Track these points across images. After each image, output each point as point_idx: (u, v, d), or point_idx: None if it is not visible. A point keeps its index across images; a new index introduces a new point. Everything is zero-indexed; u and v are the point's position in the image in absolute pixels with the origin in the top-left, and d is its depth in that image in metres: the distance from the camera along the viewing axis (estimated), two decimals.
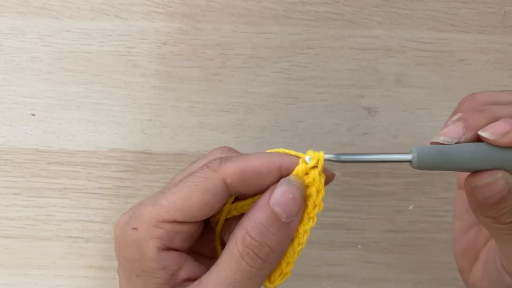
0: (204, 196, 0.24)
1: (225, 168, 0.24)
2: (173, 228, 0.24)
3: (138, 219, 0.24)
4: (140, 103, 0.42)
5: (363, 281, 0.42)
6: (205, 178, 0.24)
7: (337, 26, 0.41)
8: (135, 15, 0.42)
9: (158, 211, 0.24)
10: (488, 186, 0.24)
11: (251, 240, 0.23)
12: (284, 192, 0.23)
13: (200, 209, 0.24)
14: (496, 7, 0.41)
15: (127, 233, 0.24)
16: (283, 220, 0.23)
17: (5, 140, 0.42)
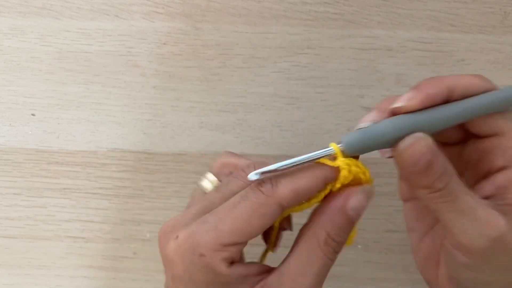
0: (262, 221, 0.26)
1: (280, 192, 0.26)
2: (236, 249, 0.26)
3: (201, 246, 0.26)
4: (140, 103, 0.42)
5: (363, 281, 0.42)
6: (262, 204, 0.26)
7: (337, 26, 0.41)
8: (135, 15, 0.42)
9: (220, 237, 0.26)
10: (412, 147, 0.25)
11: (332, 242, 0.26)
12: (361, 200, 0.27)
13: (257, 232, 0.26)
14: (496, 7, 0.41)
15: (196, 261, 0.26)
16: (355, 221, 0.27)
17: (5, 140, 0.42)
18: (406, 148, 0.25)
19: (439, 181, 0.25)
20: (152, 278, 0.42)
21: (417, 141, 0.25)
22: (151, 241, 0.42)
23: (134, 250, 0.42)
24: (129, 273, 0.42)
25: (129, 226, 0.42)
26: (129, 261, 0.42)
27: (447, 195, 0.25)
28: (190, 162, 0.42)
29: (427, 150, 0.25)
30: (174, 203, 0.42)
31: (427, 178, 0.25)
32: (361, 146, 0.26)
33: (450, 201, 0.25)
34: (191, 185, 0.42)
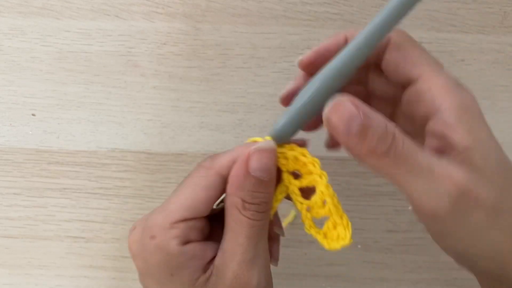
0: (207, 192, 0.27)
1: (218, 163, 0.27)
2: (186, 225, 0.26)
3: (152, 227, 0.27)
4: (140, 103, 0.42)
5: (363, 281, 0.42)
6: (203, 176, 0.27)
7: (337, 26, 0.41)
8: (135, 15, 0.42)
9: (168, 216, 0.26)
10: (337, 111, 0.23)
11: (250, 205, 0.26)
12: (261, 159, 0.26)
13: (205, 205, 0.27)
14: (496, 7, 0.41)
15: (146, 243, 0.27)
16: (265, 180, 0.26)
17: (5, 140, 0.42)
18: (331, 114, 0.23)
19: (381, 143, 0.23)
20: None
21: (340, 103, 0.23)
22: None
23: None
24: (129, 273, 0.42)
25: (129, 226, 0.42)
26: (129, 261, 0.42)
27: (396, 157, 0.23)
28: (190, 162, 0.42)
29: (356, 110, 0.23)
30: None
31: (366, 142, 0.23)
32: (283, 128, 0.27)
33: (401, 164, 0.23)
34: None
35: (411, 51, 0.26)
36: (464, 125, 0.24)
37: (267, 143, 0.27)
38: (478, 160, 0.23)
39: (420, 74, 0.25)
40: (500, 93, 0.42)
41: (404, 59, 0.26)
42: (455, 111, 0.24)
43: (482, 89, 0.42)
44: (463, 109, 0.24)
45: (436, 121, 0.24)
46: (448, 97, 0.24)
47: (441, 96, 0.24)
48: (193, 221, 0.27)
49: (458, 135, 0.23)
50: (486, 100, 0.41)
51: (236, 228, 0.26)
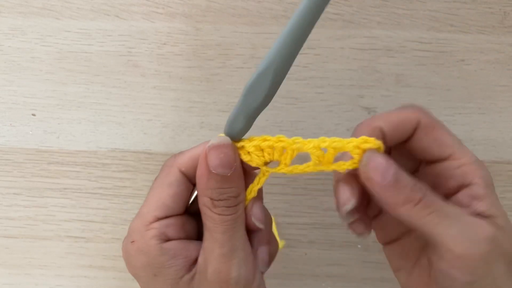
0: (170, 189, 0.28)
1: (179, 160, 0.28)
2: (161, 224, 0.27)
3: (131, 233, 0.28)
4: (140, 103, 0.42)
5: (363, 281, 0.42)
6: (166, 174, 0.28)
7: (337, 26, 0.41)
8: (135, 15, 0.42)
9: (143, 218, 0.28)
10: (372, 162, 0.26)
11: (218, 202, 0.27)
12: (217, 155, 0.27)
13: (173, 201, 0.28)
14: (496, 7, 0.41)
15: (129, 249, 0.28)
16: (228, 175, 0.27)
17: (5, 140, 0.42)
18: (367, 166, 0.26)
19: (415, 191, 0.25)
20: None
21: (373, 156, 0.26)
22: None
23: None
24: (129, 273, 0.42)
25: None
26: None
27: (429, 205, 0.25)
28: None
29: (387, 163, 0.26)
30: None
31: (401, 191, 0.25)
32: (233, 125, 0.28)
33: (434, 211, 0.25)
34: None
35: (441, 134, 0.28)
36: (489, 198, 0.27)
37: (219, 138, 0.27)
38: (501, 223, 0.26)
39: (451, 154, 0.28)
40: (500, 93, 0.42)
41: (435, 142, 0.28)
42: (483, 187, 0.27)
43: (482, 89, 0.42)
44: (488, 185, 0.27)
45: (465, 194, 0.27)
46: (477, 174, 0.27)
47: (472, 172, 0.28)
48: (167, 220, 0.28)
49: (485, 206, 0.27)
50: (486, 100, 0.41)
51: (210, 226, 0.27)
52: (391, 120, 0.28)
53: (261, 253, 0.30)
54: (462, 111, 0.42)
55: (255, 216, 0.30)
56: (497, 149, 0.41)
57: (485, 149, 0.41)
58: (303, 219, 0.42)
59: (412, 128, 0.28)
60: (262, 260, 0.30)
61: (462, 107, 0.42)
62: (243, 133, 0.28)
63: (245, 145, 0.28)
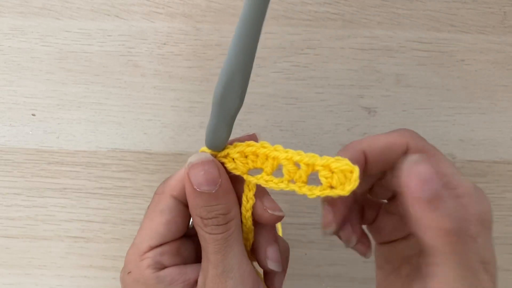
0: (162, 217, 0.27)
1: (168, 186, 0.28)
2: (155, 253, 0.27)
3: (127, 264, 0.28)
4: (140, 103, 0.42)
5: (363, 281, 0.42)
6: (157, 202, 0.28)
7: (337, 26, 0.41)
8: (135, 15, 0.42)
9: (137, 249, 0.27)
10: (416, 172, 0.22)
11: (207, 221, 0.26)
12: (196, 173, 0.26)
13: (166, 229, 0.27)
14: (496, 7, 0.41)
15: (126, 280, 0.28)
16: (213, 191, 0.26)
17: (5, 140, 0.42)
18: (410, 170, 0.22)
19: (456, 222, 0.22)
20: None
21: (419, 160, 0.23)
22: None
23: None
24: None
25: (129, 226, 0.42)
26: None
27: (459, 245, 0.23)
28: None
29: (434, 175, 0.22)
30: None
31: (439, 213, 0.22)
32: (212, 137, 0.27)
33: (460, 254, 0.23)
34: None
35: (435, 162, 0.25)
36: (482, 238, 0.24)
37: (197, 155, 0.27)
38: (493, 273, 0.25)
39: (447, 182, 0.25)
40: (500, 93, 0.42)
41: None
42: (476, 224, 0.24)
43: (482, 89, 0.42)
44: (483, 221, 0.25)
45: None
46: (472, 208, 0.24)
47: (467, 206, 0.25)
48: (161, 247, 0.27)
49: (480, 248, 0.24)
50: (486, 100, 0.41)
51: (204, 245, 0.27)
52: (376, 144, 0.26)
53: (271, 253, 0.29)
54: (462, 111, 0.42)
55: (271, 259, 0.29)
56: (497, 149, 0.41)
57: (485, 149, 0.41)
58: (303, 219, 0.42)
59: (399, 154, 0.26)
60: (272, 259, 0.29)
61: (462, 107, 0.42)
62: (226, 141, 0.28)
63: (229, 152, 0.27)
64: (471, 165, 0.41)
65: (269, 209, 0.28)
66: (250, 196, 0.28)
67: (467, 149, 0.41)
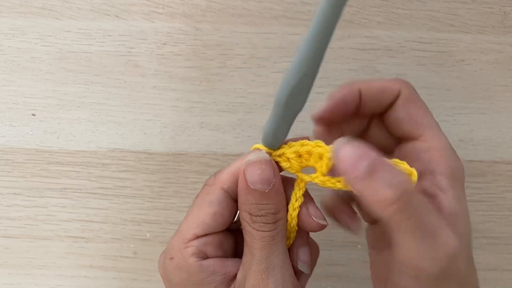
0: (211, 208, 0.28)
1: (219, 178, 0.28)
2: (199, 242, 0.27)
3: (170, 250, 0.28)
4: (140, 103, 0.42)
5: (363, 281, 0.42)
6: (206, 193, 0.28)
7: (337, 26, 0.41)
8: (135, 15, 0.42)
9: (182, 236, 0.28)
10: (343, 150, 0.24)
11: (256, 218, 0.27)
12: (252, 172, 0.26)
13: (212, 220, 0.28)
14: (496, 7, 0.41)
15: (168, 265, 0.28)
16: (266, 191, 0.26)
17: (5, 140, 0.42)
18: (338, 153, 0.24)
19: (394, 189, 0.23)
20: (152, 278, 0.42)
21: (345, 142, 0.24)
22: (151, 241, 0.42)
23: (134, 250, 0.42)
24: (130, 273, 0.42)
25: (129, 226, 0.42)
26: (130, 261, 0.42)
27: (406, 210, 0.23)
28: (190, 162, 0.42)
29: (363, 151, 0.23)
30: (174, 203, 0.42)
31: (375, 184, 0.23)
32: (268, 136, 0.27)
33: (411, 217, 0.23)
34: (191, 185, 0.42)
35: (417, 110, 0.27)
36: (454, 192, 0.26)
37: (256, 154, 0.27)
38: (461, 227, 0.25)
39: (422, 134, 0.27)
40: (500, 93, 0.42)
41: (409, 116, 0.27)
42: (448, 178, 0.26)
43: (482, 89, 0.42)
44: (454, 177, 0.26)
45: (429, 181, 0.26)
46: (444, 162, 0.26)
47: (438, 159, 0.26)
48: (206, 237, 0.28)
49: (447, 200, 0.25)
50: (486, 100, 0.41)
51: (249, 241, 0.27)
52: (371, 86, 0.27)
53: (302, 255, 0.29)
54: (462, 111, 0.42)
55: (303, 261, 0.29)
56: (497, 149, 0.41)
57: (485, 149, 0.41)
58: None
59: (391, 98, 0.27)
60: (303, 261, 0.29)
61: (462, 107, 0.42)
62: (283, 141, 0.28)
63: (285, 151, 0.28)
64: (471, 165, 0.41)
65: (314, 217, 0.28)
66: (299, 195, 0.28)
67: (467, 149, 0.41)
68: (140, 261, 0.42)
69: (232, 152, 0.42)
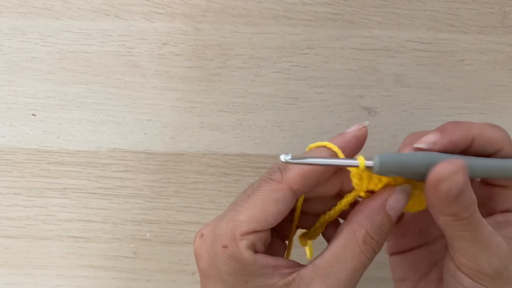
0: (276, 206, 0.27)
1: (289, 177, 0.27)
2: (254, 237, 0.27)
3: (223, 237, 0.27)
4: (140, 103, 0.42)
5: (363, 281, 0.42)
6: (274, 190, 0.27)
7: (337, 27, 0.41)
8: (135, 15, 0.42)
9: (239, 227, 0.27)
10: (452, 176, 0.24)
11: (371, 240, 0.26)
12: (399, 199, 0.27)
13: (274, 218, 0.27)
14: (496, 7, 0.41)
15: (219, 253, 0.27)
16: (393, 221, 0.27)
17: (5, 140, 0.42)
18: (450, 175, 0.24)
19: (466, 210, 0.25)
20: (152, 278, 0.42)
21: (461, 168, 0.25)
22: (151, 241, 0.42)
23: (134, 250, 0.42)
24: (130, 273, 0.42)
25: (129, 226, 0.42)
26: (130, 261, 0.42)
27: (469, 225, 0.25)
28: (190, 162, 0.42)
29: (465, 179, 0.24)
30: (174, 203, 0.42)
31: (455, 206, 0.25)
32: (393, 170, 0.26)
33: (470, 230, 0.25)
34: (191, 185, 0.42)
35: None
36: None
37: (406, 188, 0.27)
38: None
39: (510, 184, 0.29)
40: (500, 93, 0.42)
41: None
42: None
43: (482, 89, 0.42)
44: None
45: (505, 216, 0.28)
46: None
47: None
48: (260, 233, 0.27)
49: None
50: (486, 100, 0.41)
51: (344, 256, 0.27)
52: (484, 136, 0.28)
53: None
54: (462, 111, 0.42)
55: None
56: None
57: None
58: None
59: (494, 152, 0.28)
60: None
61: (462, 107, 0.42)
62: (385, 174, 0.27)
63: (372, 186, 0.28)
64: None
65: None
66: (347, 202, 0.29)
67: None
68: (140, 261, 0.42)
69: (232, 152, 0.42)
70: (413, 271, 0.30)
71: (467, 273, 0.26)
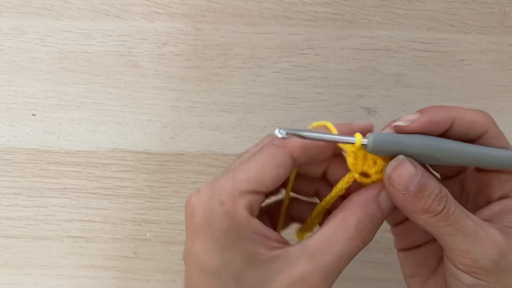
0: (276, 170, 0.27)
1: (291, 143, 0.27)
2: (252, 198, 0.26)
3: (221, 193, 0.26)
4: (140, 103, 0.42)
5: (363, 281, 0.42)
6: (275, 154, 0.27)
7: (337, 27, 0.41)
8: (135, 15, 0.42)
9: (238, 184, 0.26)
10: (398, 170, 0.25)
11: (363, 228, 0.26)
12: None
13: (272, 181, 0.27)
14: (496, 7, 0.41)
15: (215, 208, 0.26)
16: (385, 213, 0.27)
17: (5, 140, 0.42)
18: (392, 173, 0.26)
19: (436, 203, 0.25)
20: (152, 278, 0.42)
21: (403, 163, 0.26)
22: (151, 241, 0.42)
23: (134, 250, 0.42)
24: (130, 273, 0.42)
25: (129, 226, 0.42)
26: (130, 261, 0.42)
27: (447, 218, 0.25)
28: (190, 162, 0.42)
29: (415, 171, 0.25)
30: (174, 203, 0.42)
31: (422, 201, 0.25)
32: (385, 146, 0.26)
33: (451, 223, 0.25)
34: (191, 185, 0.42)
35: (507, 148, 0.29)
36: None
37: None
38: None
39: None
40: (500, 93, 0.42)
41: None
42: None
43: (482, 89, 0.42)
44: None
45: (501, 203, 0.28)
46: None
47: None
48: (258, 195, 0.27)
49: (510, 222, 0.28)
50: (486, 100, 0.41)
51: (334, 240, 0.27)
52: (465, 116, 0.28)
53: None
54: None
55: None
56: None
57: None
58: None
59: (478, 134, 0.28)
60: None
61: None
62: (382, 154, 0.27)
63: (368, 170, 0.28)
64: None
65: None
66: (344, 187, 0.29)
67: None
68: (140, 261, 0.42)
69: (232, 152, 0.42)
70: (422, 267, 0.30)
71: (464, 270, 0.26)
